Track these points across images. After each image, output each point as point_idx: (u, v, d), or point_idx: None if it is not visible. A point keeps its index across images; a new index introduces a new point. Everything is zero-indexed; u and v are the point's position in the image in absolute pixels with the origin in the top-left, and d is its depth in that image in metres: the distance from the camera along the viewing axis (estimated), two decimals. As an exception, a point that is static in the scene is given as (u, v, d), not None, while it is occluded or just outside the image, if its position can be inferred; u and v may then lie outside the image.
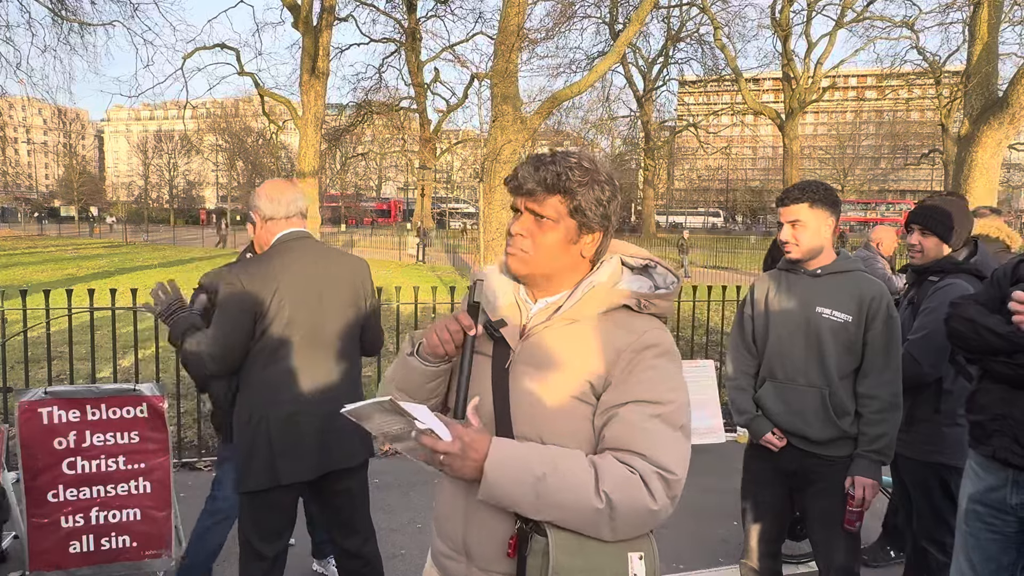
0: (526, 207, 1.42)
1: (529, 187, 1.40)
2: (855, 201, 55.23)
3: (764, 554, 2.73)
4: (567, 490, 1.27)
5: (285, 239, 2.59)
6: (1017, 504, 2.19)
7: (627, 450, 1.31)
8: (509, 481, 1.28)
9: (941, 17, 29.01)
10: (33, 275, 17.07)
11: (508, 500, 1.29)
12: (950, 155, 25.93)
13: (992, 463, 2.25)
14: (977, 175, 12.33)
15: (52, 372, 4.89)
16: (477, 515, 1.40)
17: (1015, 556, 2.24)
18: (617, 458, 1.30)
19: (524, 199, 1.42)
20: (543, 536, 1.29)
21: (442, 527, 1.51)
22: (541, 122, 19.26)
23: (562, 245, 1.42)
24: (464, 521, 1.43)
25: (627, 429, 1.32)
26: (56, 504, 3.27)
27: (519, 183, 1.42)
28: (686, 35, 34.57)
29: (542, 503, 1.27)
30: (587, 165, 1.41)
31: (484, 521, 1.39)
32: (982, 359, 2.26)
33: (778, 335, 2.59)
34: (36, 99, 22.28)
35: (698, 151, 48.44)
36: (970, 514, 2.33)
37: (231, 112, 59.59)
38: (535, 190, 1.40)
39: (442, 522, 1.51)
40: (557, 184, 1.38)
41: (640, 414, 1.32)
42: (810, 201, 2.50)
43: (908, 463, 2.88)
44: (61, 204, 69.41)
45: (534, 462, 1.29)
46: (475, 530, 1.42)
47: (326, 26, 21.25)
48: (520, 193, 1.42)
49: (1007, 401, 2.19)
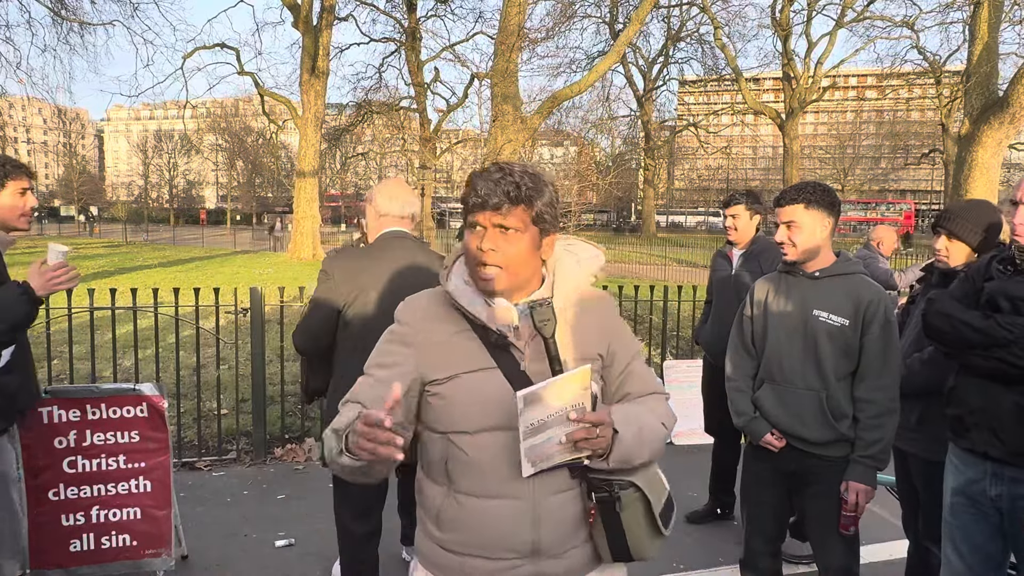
0: (491, 222, 1.44)
1: (495, 201, 1.42)
2: (855, 201, 55.16)
3: (764, 554, 2.73)
4: (652, 430, 1.55)
5: (387, 236, 2.82)
6: (997, 495, 2.22)
7: (648, 392, 1.65)
8: (629, 436, 1.47)
9: (941, 17, 28.98)
10: (33, 275, 17.04)
11: (628, 454, 1.47)
12: (950, 155, 25.92)
13: (971, 456, 2.28)
14: (977, 175, 12.33)
15: (52, 372, 4.89)
16: (550, 509, 1.50)
17: (1002, 544, 2.28)
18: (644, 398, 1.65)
19: (489, 214, 1.44)
20: (628, 489, 1.50)
21: (496, 543, 1.49)
22: (541, 122, 19.26)
23: (530, 252, 1.49)
24: (534, 521, 1.49)
25: (641, 379, 1.65)
26: (56, 503, 3.28)
27: (482, 199, 1.43)
28: (686, 35, 34.61)
29: (643, 448, 1.51)
30: (532, 172, 1.49)
31: (556, 511, 1.51)
32: (960, 353, 2.27)
33: (777, 337, 2.59)
34: (36, 99, 22.31)
35: (698, 151, 48.42)
36: (955, 506, 2.36)
37: (231, 112, 59.61)
38: (501, 203, 1.42)
39: (494, 541, 1.49)
40: (519, 195, 1.43)
41: (640, 364, 1.67)
42: (806, 202, 2.49)
43: (917, 462, 2.86)
44: (61, 204, 69.41)
45: (630, 416, 1.51)
46: (549, 523, 1.50)
47: (326, 26, 21.26)
48: (485, 208, 1.43)
49: (985, 395, 2.21)
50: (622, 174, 50.13)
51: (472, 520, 1.49)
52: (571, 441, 1.39)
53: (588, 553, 1.55)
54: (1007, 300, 2.17)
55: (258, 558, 3.68)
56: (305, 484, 4.67)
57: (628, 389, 1.63)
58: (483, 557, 1.49)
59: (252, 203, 63.70)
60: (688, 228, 49.00)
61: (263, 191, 64.02)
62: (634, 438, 1.47)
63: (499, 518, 1.48)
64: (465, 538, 1.50)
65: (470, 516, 1.49)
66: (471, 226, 1.47)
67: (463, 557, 1.51)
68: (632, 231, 48.46)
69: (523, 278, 1.51)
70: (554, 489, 1.49)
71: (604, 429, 1.41)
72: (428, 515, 1.57)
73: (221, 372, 5.45)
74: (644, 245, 28.77)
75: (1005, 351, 2.12)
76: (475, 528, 1.49)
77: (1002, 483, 2.21)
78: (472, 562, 1.50)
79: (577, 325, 1.57)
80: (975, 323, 2.18)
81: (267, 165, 55.92)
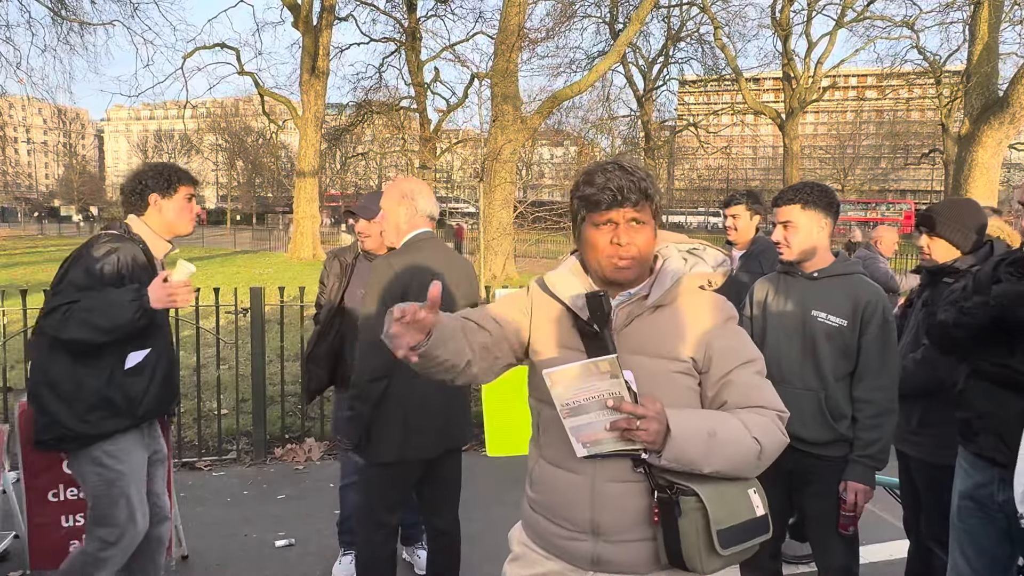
0: (627, 217, 1.54)
1: (634, 197, 1.52)
2: (855, 201, 55.14)
3: (764, 554, 2.72)
4: (733, 442, 1.48)
5: (421, 237, 2.78)
6: (1004, 500, 2.21)
7: (751, 406, 1.55)
8: (688, 439, 1.44)
9: (941, 17, 28.99)
10: (33, 275, 17.06)
11: (686, 456, 1.44)
12: (950, 155, 25.92)
13: (979, 460, 2.28)
14: (977, 175, 12.33)
15: (52, 372, 4.89)
16: (607, 495, 1.55)
17: (1009, 549, 2.26)
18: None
19: (626, 210, 1.53)
20: (689, 496, 1.47)
21: (560, 511, 1.61)
22: (541, 122, 19.25)
23: (652, 244, 1.60)
24: (592, 502, 1.56)
25: (744, 389, 1.57)
26: (56, 504, 3.28)
27: (621, 196, 1.52)
28: (686, 35, 34.54)
29: (712, 455, 1.46)
30: (639, 166, 1.59)
31: (615, 499, 1.55)
32: (970, 357, 2.28)
33: (775, 337, 2.59)
34: (36, 99, 22.30)
35: (698, 151, 48.36)
36: (962, 510, 2.35)
37: (231, 112, 59.57)
38: (639, 199, 1.53)
39: (559, 508, 1.61)
40: (647, 190, 1.54)
41: (747, 374, 1.59)
42: (802, 203, 2.49)
43: (920, 464, 2.86)
44: (61, 204, 69.42)
45: (702, 421, 1.49)
46: (607, 508, 1.55)
47: (326, 26, 21.26)
48: (620, 205, 1.53)
49: (993, 400, 2.20)
50: (622, 174, 49.82)
51: (548, 485, 1.64)
52: (615, 429, 1.43)
53: (652, 551, 1.56)
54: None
55: (258, 558, 3.68)
56: (305, 484, 4.67)
57: (725, 398, 1.57)
58: (553, 522, 1.63)
59: (252, 203, 63.70)
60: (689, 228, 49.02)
61: (263, 191, 63.99)
62: (698, 442, 1.45)
63: (563, 489, 1.60)
64: (544, 500, 1.66)
65: (548, 481, 1.64)
66: (596, 223, 1.55)
67: (543, 519, 1.66)
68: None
69: (647, 267, 1.62)
70: (614, 476, 1.55)
71: (647, 423, 1.42)
72: (528, 475, 1.74)
73: (221, 372, 5.45)
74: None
75: (1014, 360, 2.11)
76: (550, 493, 1.64)
77: (1010, 488, 2.18)
78: (546, 524, 1.65)
79: (668, 325, 1.59)
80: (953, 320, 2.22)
81: (267, 165, 55.88)
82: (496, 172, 16.74)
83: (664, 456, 1.45)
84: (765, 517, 1.54)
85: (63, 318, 2.41)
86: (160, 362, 2.70)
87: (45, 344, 2.52)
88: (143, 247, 2.65)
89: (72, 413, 2.51)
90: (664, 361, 1.56)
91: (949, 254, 2.71)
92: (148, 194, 2.68)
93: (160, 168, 2.74)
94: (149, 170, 2.73)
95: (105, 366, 2.54)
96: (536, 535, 1.68)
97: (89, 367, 2.52)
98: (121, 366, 2.57)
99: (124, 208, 2.74)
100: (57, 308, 2.43)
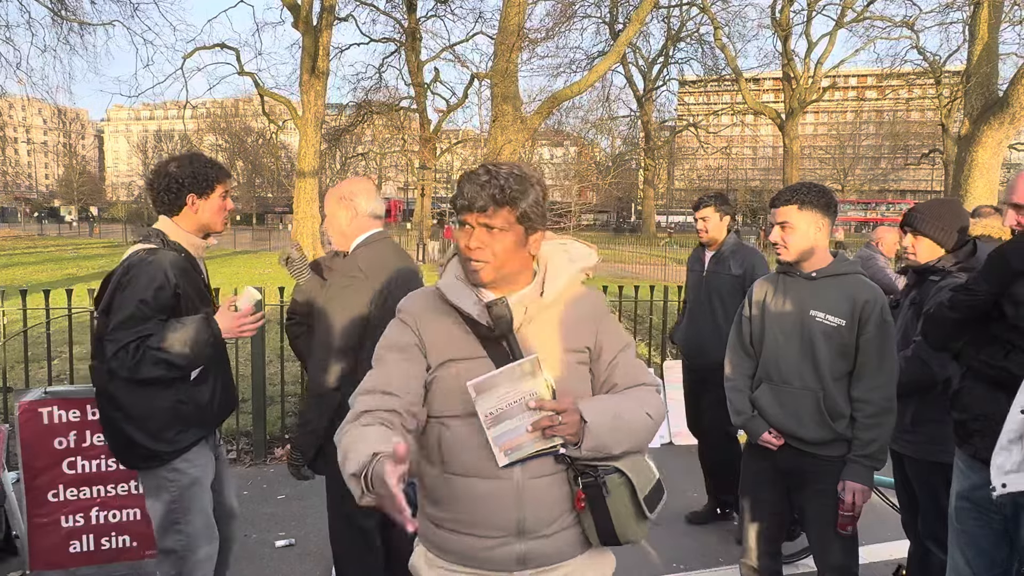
0: (478, 222, 1.56)
1: (480, 204, 1.53)
2: (855, 201, 55.21)
3: (764, 553, 2.73)
4: (634, 420, 1.60)
5: (374, 239, 2.71)
6: (1000, 501, 2.21)
7: (636, 384, 1.69)
8: (601, 424, 1.53)
9: (941, 17, 29.05)
10: (33, 275, 17.07)
11: (600, 442, 1.53)
12: (950, 155, 25.92)
13: (975, 462, 2.28)
14: (977, 175, 12.33)
15: (52, 372, 4.89)
16: (532, 492, 1.57)
17: (1007, 550, 2.27)
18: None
19: (476, 215, 1.55)
20: (613, 474, 1.56)
21: (481, 521, 1.58)
22: (541, 122, 19.25)
23: (515, 248, 1.59)
24: (518, 502, 1.57)
25: (628, 370, 1.70)
26: (56, 504, 3.28)
27: (468, 202, 1.55)
28: (686, 35, 34.60)
29: (621, 435, 1.57)
30: (518, 173, 1.56)
31: (541, 492, 1.57)
32: (963, 356, 2.30)
33: (774, 337, 2.59)
34: (36, 99, 22.30)
35: (698, 151, 48.39)
36: (960, 511, 2.36)
37: (231, 112, 59.57)
38: (486, 205, 1.53)
39: (479, 518, 1.58)
40: (504, 197, 1.53)
41: (627, 356, 1.72)
42: (800, 203, 2.49)
43: (914, 464, 2.87)
44: (61, 204, 69.40)
45: (606, 406, 1.59)
46: (532, 505, 1.57)
47: (326, 26, 21.24)
48: (471, 210, 1.55)
49: (988, 401, 2.22)
50: (622, 174, 50.09)
51: (461, 499, 1.59)
52: (537, 429, 1.49)
53: (576, 535, 1.63)
54: (1012, 304, 2.17)
55: (258, 558, 3.68)
56: (305, 484, 4.66)
57: (615, 380, 1.68)
58: (473, 535, 1.59)
59: (252, 203, 63.69)
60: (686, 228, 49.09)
61: (263, 191, 64.01)
62: (607, 426, 1.54)
63: (485, 497, 1.57)
64: (456, 516, 1.61)
65: (459, 495, 1.59)
66: (460, 224, 1.59)
67: (456, 534, 1.61)
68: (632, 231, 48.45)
69: (509, 272, 1.61)
70: (538, 472, 1.57)
71: (568, 416, 1.49)
72: (425, 494, 1.69)
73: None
74: (645, 245, 28.77)
75: (1009, 360, 2.13)
76: (464, 507, 1.59)
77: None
78: (464, 539, 1.60)
79: (565, 319, 1.65)
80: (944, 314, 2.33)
81: (267, 165, 55.89)
82: (496, 172, 16.71)
83: (584, 447, 1.53)
84: (660, 478, 1.67)
85: (137, 358, 2.34)
86: (220, 368, 2.67)
87: (104, 373, 2.44)
88: (185, 254, 2.55)
89: (148, 434, 2.46)
90: (567, 353, 1.63)
91: (933, 253, 2.80)
92: (185, 195, 2.52)
93: (195, 164, 2.55)
94: (184, 167, 2.52)
95: (171, 383, 2.47)
96: (447, 552, 1.63)
97: (157, 387, 2.45)
98: (187, 380, 2.52)
99: (156, 207, 2.57)
100: (125, 347, 2.34)
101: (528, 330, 1.61)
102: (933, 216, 2.79)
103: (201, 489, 2.60)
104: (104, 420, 2.53)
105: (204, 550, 2.60)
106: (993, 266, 2.20)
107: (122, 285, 2.40)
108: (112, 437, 2.52)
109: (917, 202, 3.08)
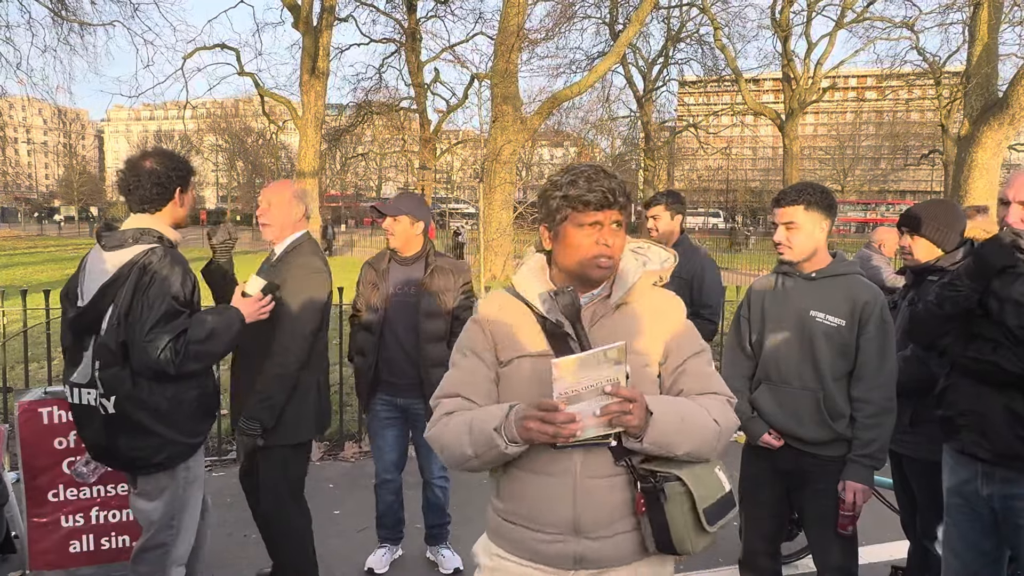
0: (611, 219, 1.60)
1: (621, 200, 1.60)
2: (855, 202, 55.18)
3: (763, 553, 2.73)
4: (699, 425, 1.57)
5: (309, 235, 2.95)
6: (988, 495, 2.26)
7: (705, 392, 1.66)
8: (666, 421, 1.52)
9: (941, 18, 29.02)
10: (33, 275, 17.06)
11: (664, 438, 1.52)
12: (950, 156, 25.90)
13: (962, 457, 2.32)
14: (977, 176, 12.34)
15: (52, 372, 4.89)
16: (588, 492, 1.58)
17: (996, 542, 2.31)
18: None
19: (614, 212, 1.60)
20: (673, 482, 1.54)
21: (540, 517, 1.62)
22: (541, 122, 19.27)
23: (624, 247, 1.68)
24: (574, 501, 1.58)
25: (698, 378, 1.68)
26: (56, 504, 3.28)
27: (610, 199, 1.58)
28: (686, 35, 34.53)
29: (684, 436, 1.54)
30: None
31: (598, 494, 1.59)
32: (948, 353, 2.33)
33: (773, 338, 2.59)
34: (36, 99, 22.31)
35: (698, 151, 48.38)
36: (951, 506, 2.40)
37: (231, 112, 59.56)
38: (624, 202, 1.61)
39: (539, 514, 1.62)
40: (627, 195, 1.62)
41: (700, 363, 1.69)
42: (806, 204, 2.49)
43: (913, 464, 2.88)
44: (61, 204, 69.37)
45: (672, 405, 1.57)
46: (588, 505, 1.58)
47: (326, 26, 21.25)
48: (608, 207, 1.59)
49: (974, 396, 2.24)
50: (622, 175, 49.85)
51: (522, 493, 1.64)
52: (607, 414, 1.46)
53: (635, 541, 1.62)
54: (997, 300, 2.20)
55: (258, 558, 3.67)
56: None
57: (681, 387, 1.67)
58: (531, 529, 1.63)
59: (252, 203, 63.67)
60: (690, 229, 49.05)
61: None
62: (673, 425, 1.53)
63: (543, 493, 1.61)
64: (517, 509, 1.66)
65: (521, 489, 1.64)
66: (581, 224, 1.59)
67: (515, 526, 1.66)
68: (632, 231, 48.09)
69: None
70: (596, 473, 1.59)
71: (636, 407, 1.47)
72: (493, 487, 1.74)
73: (221, 372, 5.44)
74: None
75: (997, 355, 2.15)
76: (524, 501, 1.64)
77: (993, 483, 2.25)
78: (522, 532, 1.65)
79: (632, 321, 1.66)
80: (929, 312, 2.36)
81: (267, 165, 55.85)
82: (496, 173, 16.74)
83: (646, 439, 1.51)
84: (732, 492, 1.65)
85: (178, 356, 2.36)
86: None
87: (127, 377, 2.40)
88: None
89: (180, 430, 2.48)
90: (632, 356, 1.60)
91: (931, 253, 2.80)
92: (173, 188, 2.52)
93: (174, 159, 2.55)
94: (166, 162, 2.52)
95: (192, 375, 2.49)
96: (511, 544, 1.68)
97: (182, 382, 2.46)
98: (207, 370, 2.60)
99: (139, 204, 2.50)
100: (164, 348, 2.33)
101: (596, 329, 1.63)
102: (930, 217, 2.80)
103: (199, 486, 2.65)
104: (125, 426, 2.43)
105: (187, 544, 2.65)
106: (974, 264, 2.23)
107: (143, 286, 2.37)
108: (143, 438, 2.44)
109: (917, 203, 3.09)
